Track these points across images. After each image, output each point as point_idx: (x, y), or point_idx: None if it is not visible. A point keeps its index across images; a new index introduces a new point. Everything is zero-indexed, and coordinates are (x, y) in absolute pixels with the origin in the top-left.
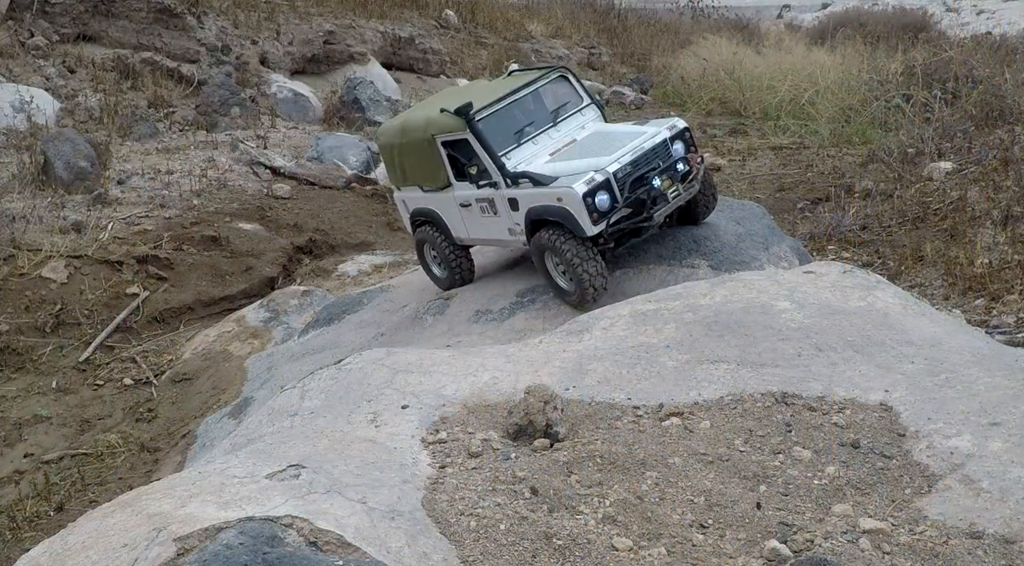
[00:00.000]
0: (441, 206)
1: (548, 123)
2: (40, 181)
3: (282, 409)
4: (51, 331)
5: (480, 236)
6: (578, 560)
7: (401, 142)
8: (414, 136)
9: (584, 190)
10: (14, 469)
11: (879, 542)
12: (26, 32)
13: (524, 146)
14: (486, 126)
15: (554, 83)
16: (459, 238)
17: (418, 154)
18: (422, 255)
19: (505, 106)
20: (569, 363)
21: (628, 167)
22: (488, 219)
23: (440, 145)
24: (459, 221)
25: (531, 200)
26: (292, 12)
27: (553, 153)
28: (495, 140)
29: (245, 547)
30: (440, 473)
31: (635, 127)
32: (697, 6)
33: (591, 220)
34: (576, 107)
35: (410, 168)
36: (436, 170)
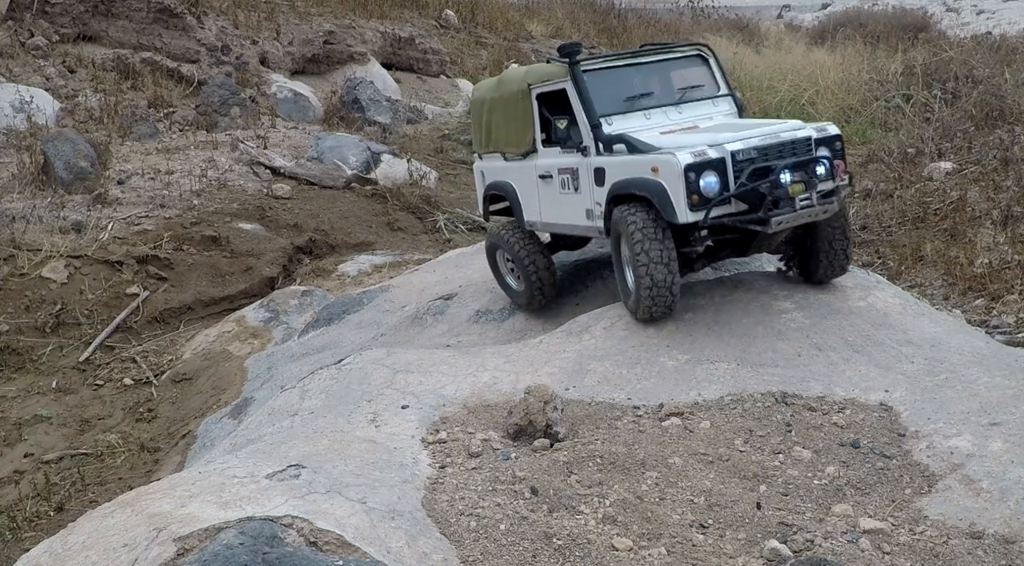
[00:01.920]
0: (519, 178)
1: (670, 101)
2: (40, 181)
3: (282, 409)
4: (51, 331)
5: (553, 219)
6: (578, 560)
7: (494, 97)
8: (509, 88)
9: (689, 161)
10: (14, 469)
11: (879, 542)
12: (26, 32)
13: (632, 116)
14: (592, 80)
15: (688, 62)
16: (530, 222)
17: (509, 109)
18: (494, 262)
19: (621, 66)
20: (569, 363)
21: (753, 151)
22: (567, 197)
23: (534, 99)
24: (534, 198)
25: (621, 171)
26: (292, 12)
27: (666, 133)
28: (599, 97)
29: (245, 547)
30: (440, 473)
31: (770, 120)
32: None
33: (689, 202)
34: (709, 94)
35: (496, 127)
36: (523, 130)
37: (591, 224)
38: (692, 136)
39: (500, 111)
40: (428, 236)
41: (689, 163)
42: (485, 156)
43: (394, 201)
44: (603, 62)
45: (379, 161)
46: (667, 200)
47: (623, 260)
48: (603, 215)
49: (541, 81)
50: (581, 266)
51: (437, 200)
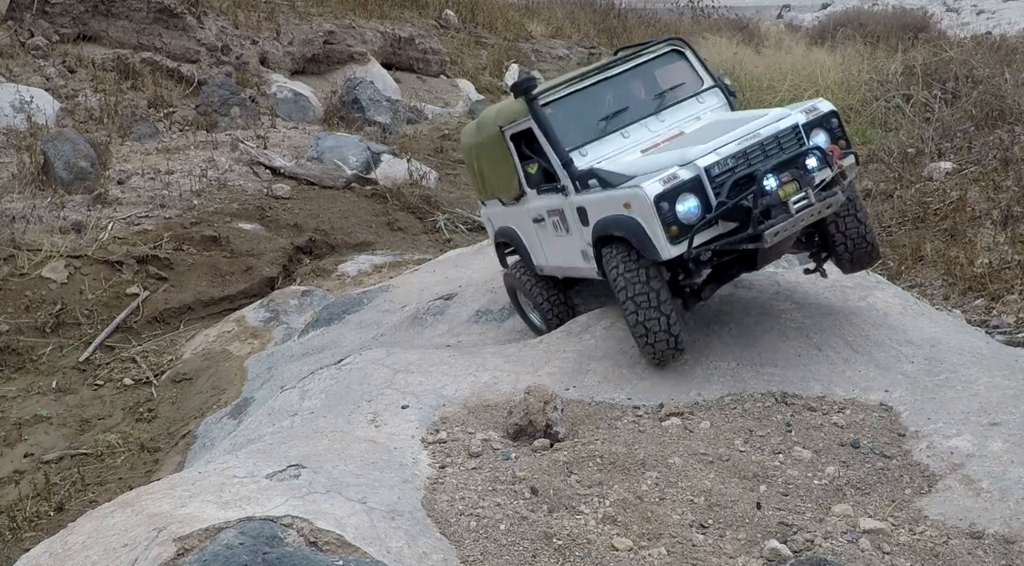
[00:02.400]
0: (519, 223)
1: (649, 111)
2: (40, 181)
3: (282, 409)
4: (51, 331)
5: (557, 263)
6: (578, 560)
7: (478, 141)
8: (487, 131)
9: (658, 191)
10: (14, 469)
11: (879, 542)
12: (26, 32)
13: (609, 139)
14: (556, 112)
15: (662, 61)
16: (539, 266)
17: (491, 153)
18: (515, 300)
19: (586, 86)
20: (569, 363)
21: (730, 160)
22: (561, 239)
23: (509, 141)
24: (536, 242)
25: (598, 209)
26: (292, 12)
27: (647, 149)
28: (567, 130)
29: (245, 547)
30: (440, 473)
31: (759, 111)
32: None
33: (668, 235)
34: (692, 91)
35: (487, 172)
36: (507, 174)
37: (589, 266)
38: (664, 155)
39: (485, 156)
40: (428, 236)
41: (659, 192)
42: (488, 202)
43: (394, 201)
44: (564, 88)
45: (379, 161)
46: (645, 237)
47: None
48: (593, 250)
49: (510, 122)
50: None
51: (437, 200)
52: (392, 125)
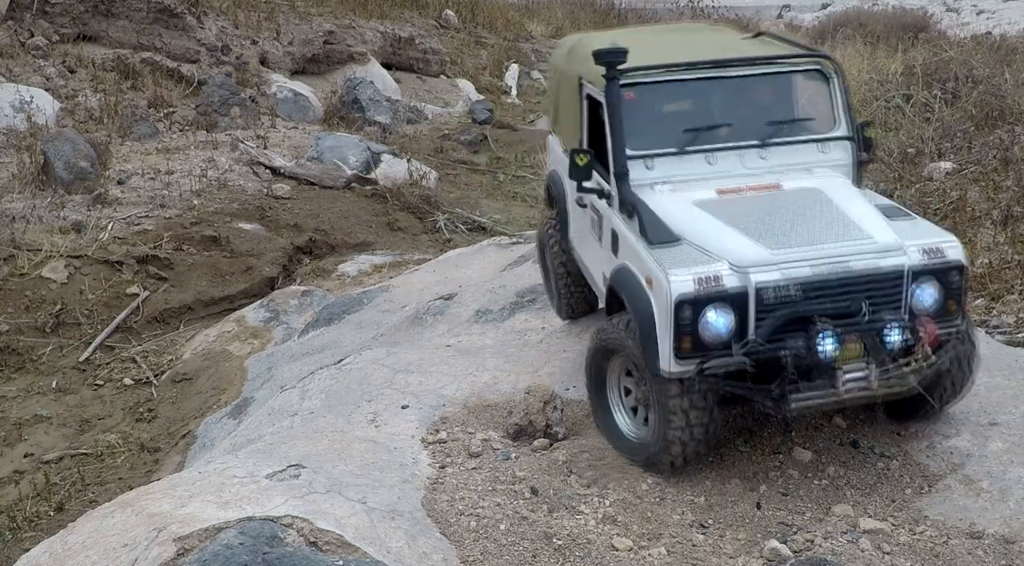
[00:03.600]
0: (570, 184)
1: (754, 139)
2: (40, 181)
3: (282, 409)
4: (51, 331)
5: (582, 257)
6: (578, 560)
7: (564, 69)
8: (571, 67)
9: (686, 292)
10: (14, 469)
11: (879, 542)
12: (26, 32)
13: (689, 159)
14: (638, 99)
15: (800, 78)
16: (571, 241)
17: (569, 92)
18: (543, 259)
19: (689, 80)
20: (569, 363)
21: (793, 289)
22: (593, 240)
23: (584, 97)
24: (575, 217)
25: (628, 252)
26: (292, 12)
27: (726, 192)
28: (641, 128)
29: (245, 547)
30: (440, 473)
31: (876, 219)
32: (697, 6)
33: (676, 346)
34: (819, 133)
35: (561, 107)
36: (576, 127)
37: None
38: (731, 230)
39: (564, 90)
40: (428, 236)
41: (686, 295)
42: (554, 132)
43: (394, 201)
44: (662, 73)
45: (379, 161)
46: (649, 333)
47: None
48: (605, 296)
49: (589, 81)
50: None
51: (437, 200)
52: (392, 125)
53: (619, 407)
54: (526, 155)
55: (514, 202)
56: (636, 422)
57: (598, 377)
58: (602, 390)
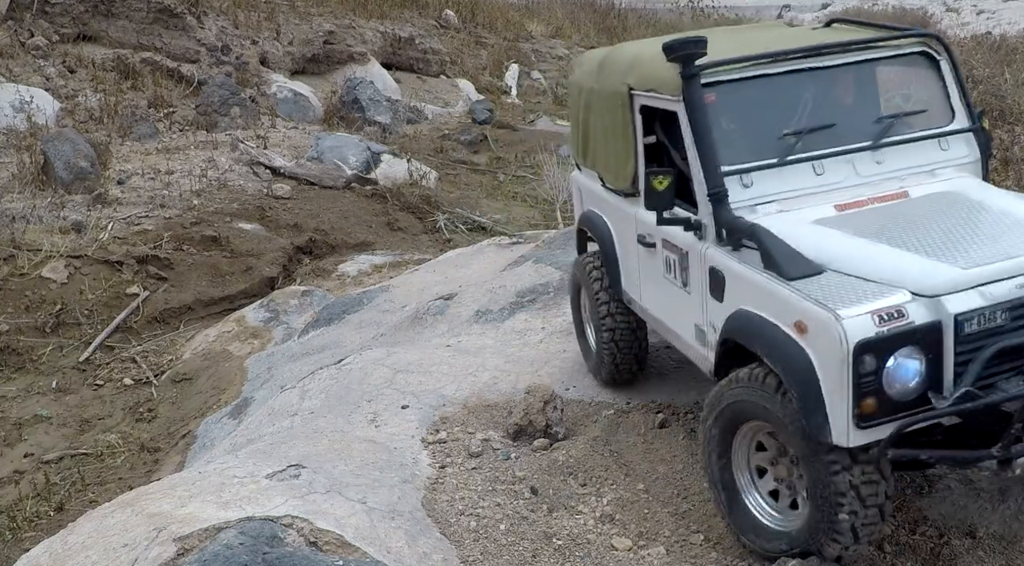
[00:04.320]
0: (618, 224)
1: (863, 139)
2: (40, 181)
3: (282, 409)
4: (51, 331)
5: (653, 310)
6: (578, 560)
7: (592, 87)
8: (608, 82)
9: (867, 335)
10: (14, 469)
11: (879, 542)
12: (26, 32)
13: (793, 170)
14: (723, 102)
15: (903, 64)
16: (627, 293)
17: (607, 113)
18: (576, 301)
19: (777, 74)
20: (569, 363)
21: (1000, 313)
22: (672, 288)
23: (637, 111)
24: (633, 265)
25: (747, 295)
26: (292, 12)
27: (844, 207)
28: (732, 138)
29: (245, 547)
30: (440, 473)
31: None
32: (697, 6)
33: (856, 410)
34: (935, 126)
35: (594, 133)
36: (623, 153)
37: (700, 350)
38: (888, 249)
39: (599, 112)
40: (428, 236)
41: (867, 339)
42: (584, 167)
43: (394, 201)
44: (748, 67)
45: (379, 161)
46: (813, 397)
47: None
48: (716, 351)
49: (647, 88)
50: None
51: (437, 200)
52: (392, 125)
53: (752, 491)
54: (526, 155)
55: (514, 202)
56: (781, 508)
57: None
58: (727, 470)
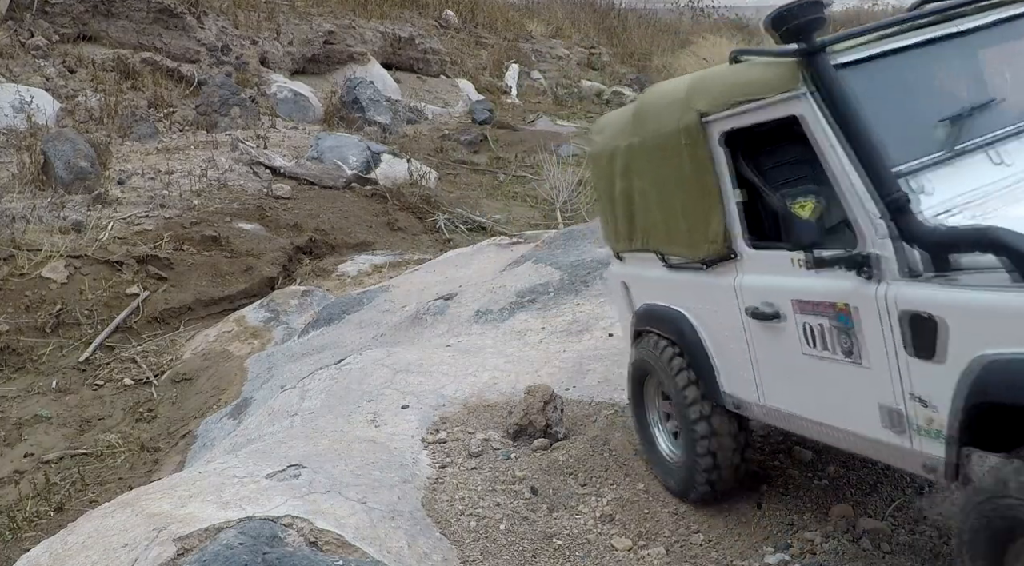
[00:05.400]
0: (703, 307)
1: None
2: (40, 181)
3: (282, 409)
4: (51, 331)
5: (791, 406)
6: (578, 560)
7: (631, 144)
8: (659, 125)
9: None
10: (14, 469)
11: (879, 542)
12: (26, 32)
13: (964, 165)
14: (863, 87)
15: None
16: (733, 396)
17: (664, 167)
18: (638, 394)
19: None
20: (569, 363)
21: None
22: (821, 364)
23: (717, 145)
24: (741, 351)
25: (994, 335)
26: (292, 12)
27: None
28: (885, 129)
29: (245, 547)
30: (440, 473)
31: None
32: (697, 6)
33: None
34: None
35: (643, 202)
36: (700, 209)
37: (897, 442)
38: None
39: (646, 171)
40: (428, 236)
41: None
42: (627, 255)
43: (394, 201)
44: (883, 40)
45: (379, 161)
46: None
47: None
48: (950, 440)
49: (729, 105)
50: (580, 266)
51: (437, 200)
52: (392, 125)
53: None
54: (526, 155)
55: (514, 202)
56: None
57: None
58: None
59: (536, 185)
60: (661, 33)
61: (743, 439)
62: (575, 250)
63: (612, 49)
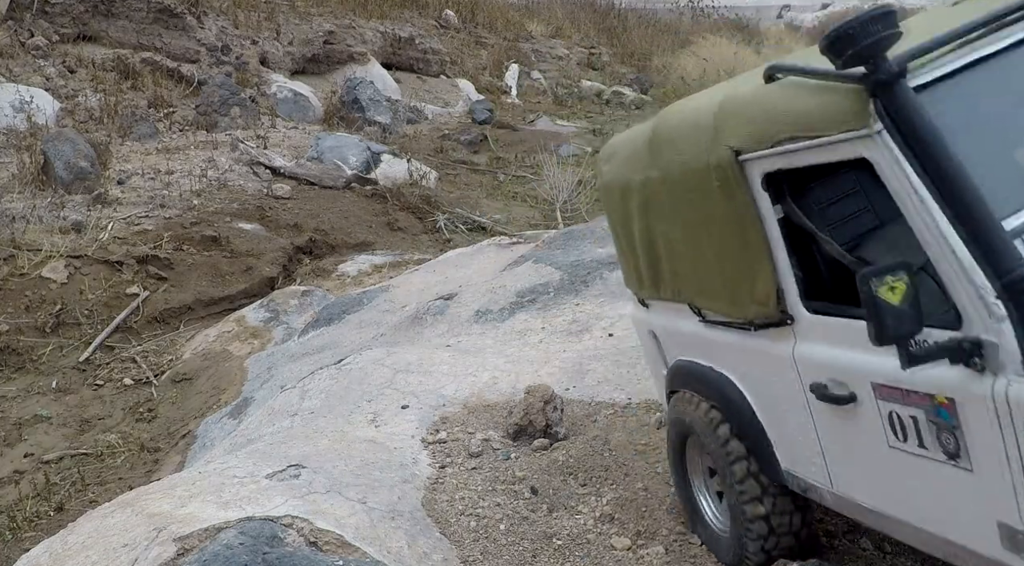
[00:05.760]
0: (754, 373)
1: None
2: (40, 181)
3: (282, 409)
4: (51, 331)
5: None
6: (578, 560)
7: (648, 177)
8: (684, 161)
9: None
10: (14, 469)
11: (879, 542)
12: (26, 32)
13: None
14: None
15: None
16: (800, 478)
17: (692, 212)
18: (679, 457)
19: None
20: (569, 363)
21: None
22: (925, 465)
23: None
24: (806, 430)
25: None
26: (292, 12)
27: None
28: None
29: (245, 547)
30: (440, 473)
31: None
32: (697, 6)
33: None
34: None
35: (670, 250)
36: (745, 261)
37: None
38: None
39: (669, 213)
40: (428, 236)
41: None
42: (653, 298)
43: (394, 201)
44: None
45: (379, 161)
46: None
47: None
48: None
49: (773, 142)
50: (580, 266)
51: (437, 200)
52: (392, 125)
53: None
54: (526, 155)
55: (514, 202)
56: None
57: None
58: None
59: (536, 185)
60: (661, 33)
61: (805, 513)
62: (575, 250)
63: (612, 49)
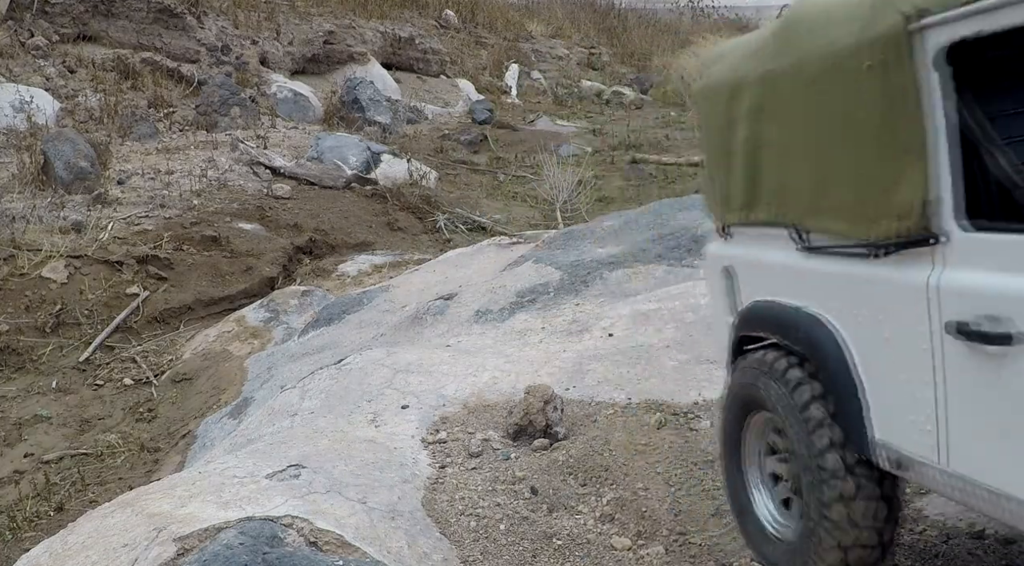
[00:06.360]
0: (861, 314)
1: None
2: (40, 181)
3: (282, 409)
4: (51, 331)
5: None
6: (578, 560)
7: (769, 71)
8: (826, 43)
9: None
10: (14, 469)
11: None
12: (26, 32)
13: None
14: None
15: None
16: (888, 445)
17: (826, 105)
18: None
19: None
20: (569, 363)
21: None
22: None
23: (934, 64)
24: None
25: None
26: (292, 12)
27: None
28: None
29: (245, 547)
30: (440, 473)
31: None
32: (697, 6)
33: None
34: None
35: (781, 158)
36: (889, 164)
37: None
38: None
39: (793, 110)
40: (428, 236)
41: None
42: (736, 227)
43: (394, 201)
44: None
45: (379, 161)
46: None
47: None
48: None
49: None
50: (580, 266)
51: (437, 200)
52: (392, 125)
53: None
54: (526, 155)
55: (514, 202)
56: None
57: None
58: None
59: (536, 185)
60: (661, 33)
61: (892, 504)
62: (575, 250)
63: (612, 49)
